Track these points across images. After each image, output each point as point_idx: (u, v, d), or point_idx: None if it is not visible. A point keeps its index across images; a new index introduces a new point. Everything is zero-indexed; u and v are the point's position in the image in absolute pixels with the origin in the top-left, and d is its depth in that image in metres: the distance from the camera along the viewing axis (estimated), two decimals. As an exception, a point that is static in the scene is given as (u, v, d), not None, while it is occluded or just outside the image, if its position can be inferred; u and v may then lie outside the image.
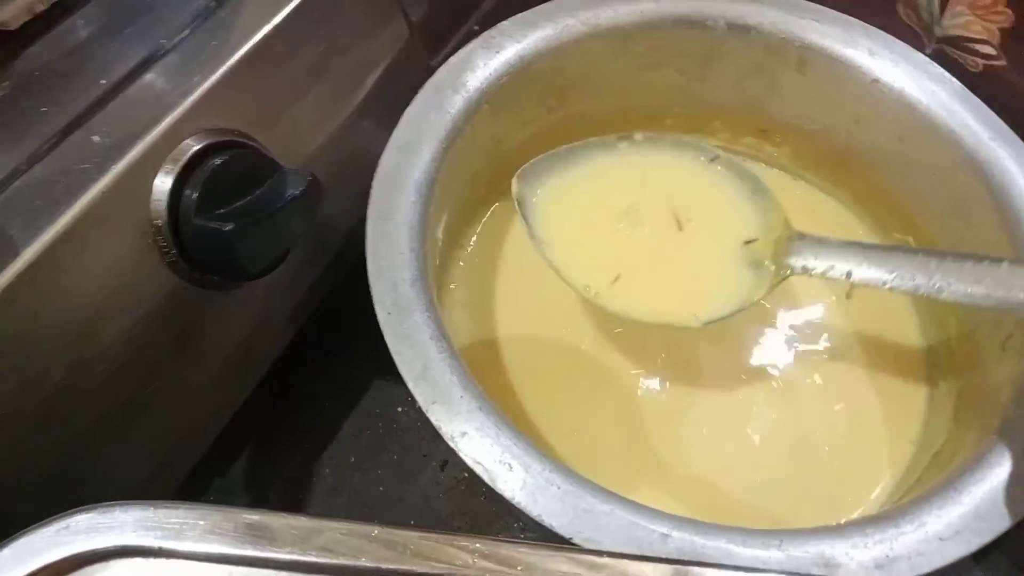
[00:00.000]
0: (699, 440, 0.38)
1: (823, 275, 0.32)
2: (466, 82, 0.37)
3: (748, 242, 0.34)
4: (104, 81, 0.28)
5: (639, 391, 0.38)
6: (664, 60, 0.42)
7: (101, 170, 0.26)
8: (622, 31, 0.40)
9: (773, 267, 0.33)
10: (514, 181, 0.35)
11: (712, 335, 0.39)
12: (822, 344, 0.40)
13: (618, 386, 0.39)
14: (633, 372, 0.39)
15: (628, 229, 0.36)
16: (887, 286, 0.30)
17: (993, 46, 0.40)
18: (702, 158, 0.36)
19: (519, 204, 0.35)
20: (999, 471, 0.29)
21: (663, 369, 0.39)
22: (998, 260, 0.29)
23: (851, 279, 0.31)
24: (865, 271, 0.31)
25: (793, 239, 0.33)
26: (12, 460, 0.26)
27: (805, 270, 0.32)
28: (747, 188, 0.35)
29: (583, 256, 0.35)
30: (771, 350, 0.40)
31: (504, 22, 0.39)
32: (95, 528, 0.20)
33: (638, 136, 0.37)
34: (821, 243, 0.33)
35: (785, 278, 0.33)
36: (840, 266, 0.32)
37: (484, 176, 0.42)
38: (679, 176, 0.36)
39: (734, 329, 0.40)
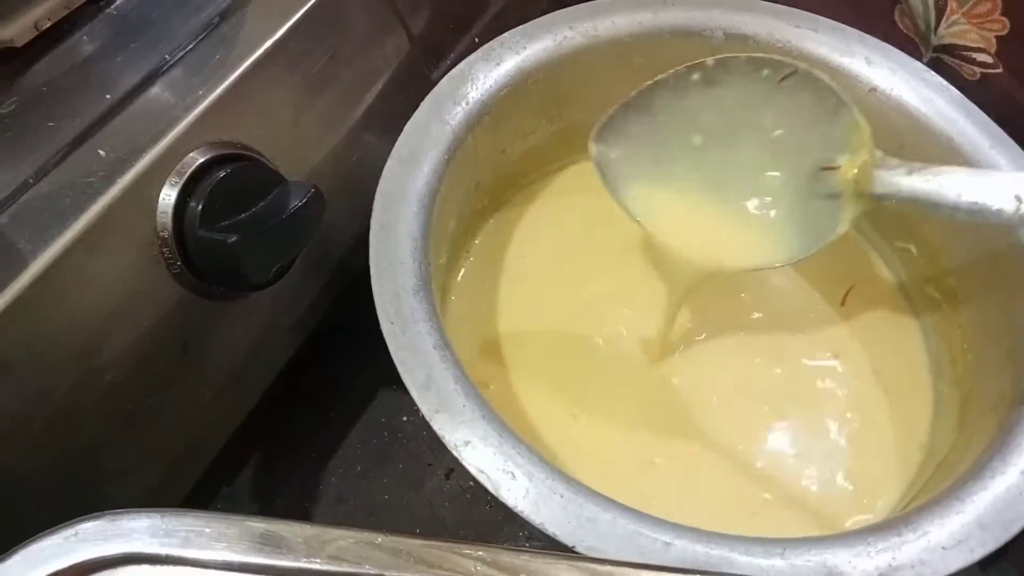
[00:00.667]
0: (707, 445, 0.38)
1: (908, 197, 0.30)
2: (467, 94, 0.37)
3: (826, 168, 0.31)
4: (109, 96, 0.29)
5: (643, 396, 0.39)
6: (662, 70, 0.42)
7: (107, 183, 0.27)
8: (620, 42, 0.40)
9: (855, 197, 0.31)
10: (591, 144, 0.33)
11: (722, 339, 0.40)
12: (830, 350, 0.40)
13: (621, 391, 0.39)
14: (636, 377, 0.39)
15: (704, 171, 0.34)
16: (961, 212, 0.29)
17: (989, 54, 0.40)
18: (771, 75, 0.32)
19: (597, 165, 0.33)
20: (1002, 480, 0.29)
21: (669, 374, 0.39)
22: None
23: (934, 202, 0.29)
24: (948, 198, 0.29)
25: (879, 163, 0.30)
26: (20, 468, 0.26)
27: (889, 194, 0.30)
28: (827, 106, 0.32)
29: (663, 207, 0.33)
30: (780, 356, 0.40)
31: (504, 34, 0.39)
32: (103, 535, 0.20)
33: (709, 61, 0.33)
34: (909, 168, 0.30)
35: (869, 206, 0.30)
36: (922, 188, 0.29)
37: (486, 186, 0.42)
38: (753, 102, 0.33)
39: (744, 334, 0.41)
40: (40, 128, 0.27)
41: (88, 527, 0.21)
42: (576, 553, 0.27)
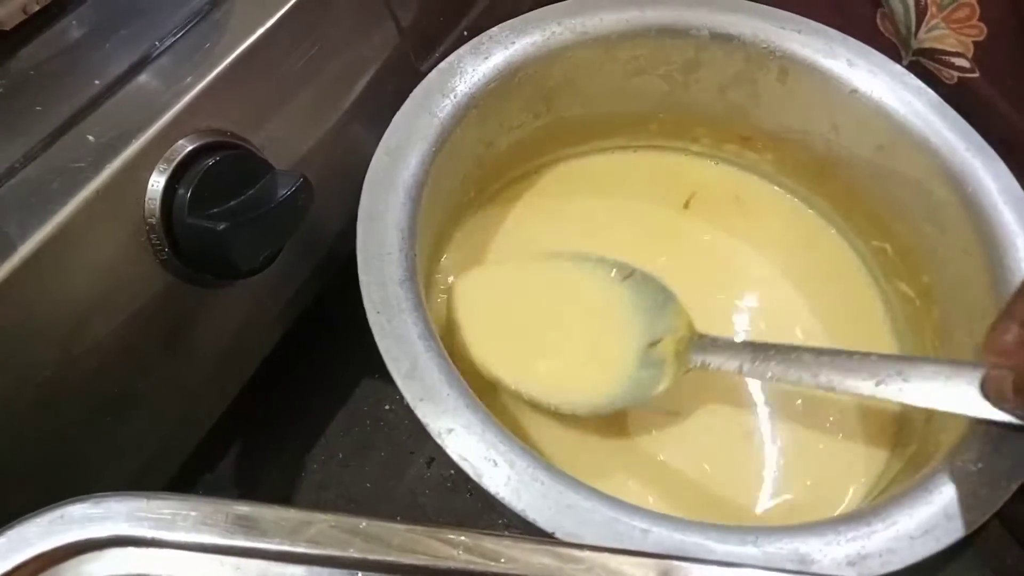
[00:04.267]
0: (681, 434, 0.38)
1: (718, 368, 0.35)
2: (455, 87, 0.38)
3: (653, 344, 0.37)
4: (98, 81, 0.29)
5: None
6: (649, 67, 0.43)
7: (96, 169, 0.27)
8: (608, 39, 0.41)
9: (675, 364, 0.36)
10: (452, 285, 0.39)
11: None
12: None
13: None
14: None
15: (549, 329, 0.39)
16: (773, 379, 0.34)
17: (967, 59, 0.41)
18: (618, 274, 0.39)
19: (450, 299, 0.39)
20: (967, 473, 0.30)
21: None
22: (868, 354, 0.32)
23: (742, 372, 0.34)
24: (753, 368, 0.34)
25: (694, 339, 0.36)
26: (4, 452, 0.26)
27: (703, 365, 0.35)
28: (659, 298, 0.38)
29: (505, 347, 0.38)
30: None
31: (493, 28, 0.40)
32: (89, 518, 0.21)
33: (565, 258, 0.40)
34: (716, 343, 0.36)
35: (686, 372, 0.36)
36: (732, 363, 0.34)
37: (472, 179, 0.42)
38: (600, 288, 0.39)
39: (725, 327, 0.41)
40: (28, 112, 0.27)
41: (74, 509, 0.21)
42: (556, 539, 0.27)
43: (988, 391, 0.29)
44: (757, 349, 0.34)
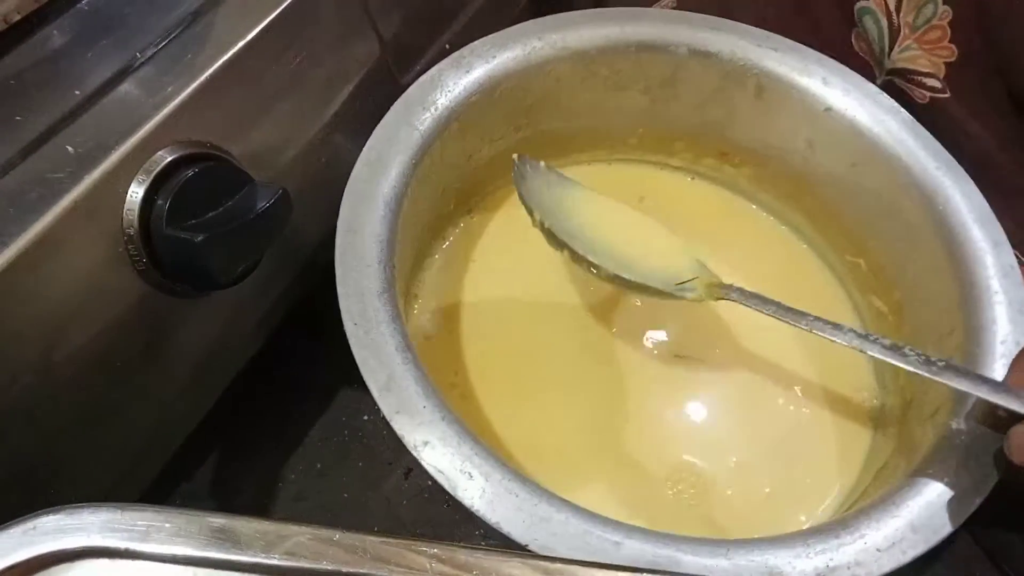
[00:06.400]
0: (657, 446, 0.39)
1: (754, 306, 0.36)
2: (436, 100, 0.38)
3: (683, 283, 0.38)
4: (79, 91, 0.29)
5: (600, 400, 0.40)
6: (628, 83, 0.43)
7: (74, 179, 0.27)
8: (587, 54, 0.41)
9: (707, 293, 0.38)
10: (515, 156, 0.39)
11: (677, 350, 0.41)
12: (776, 359, 0.42)
13: (579, 395, 0.40)
14: (595, 382, 0.40)
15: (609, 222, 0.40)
16: (807, 328, 0.34)
17: (939, 79, 0.41)
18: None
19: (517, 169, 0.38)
20: (934, 487, 0.31)
21: (624, 379, 0.40)
22: (901, 346, 0.33)
23: (777, 315, 0.35)
24: (787, 315, 0.35)
25: (724, 286, 0.38)
26: (-23, 463, 0.26)
27: (738, 298, 0.37)
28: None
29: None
30: (728, 363, 0.41)
31: (474, 42, 0.40)
32: (62, 529, 0.21)
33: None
34: (745, 293, 0.37)
35: (719, 298, 0.37)
36: (768, 307, 0.36)
37: (452, 191, 0.43)
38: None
39: (699, 343, 0.42)
40: (7, 122, 0.27)
41: (47, 520, 0.21)
42: (529, 551, 0.27)
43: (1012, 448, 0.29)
44: (792, 311, 0.35)
